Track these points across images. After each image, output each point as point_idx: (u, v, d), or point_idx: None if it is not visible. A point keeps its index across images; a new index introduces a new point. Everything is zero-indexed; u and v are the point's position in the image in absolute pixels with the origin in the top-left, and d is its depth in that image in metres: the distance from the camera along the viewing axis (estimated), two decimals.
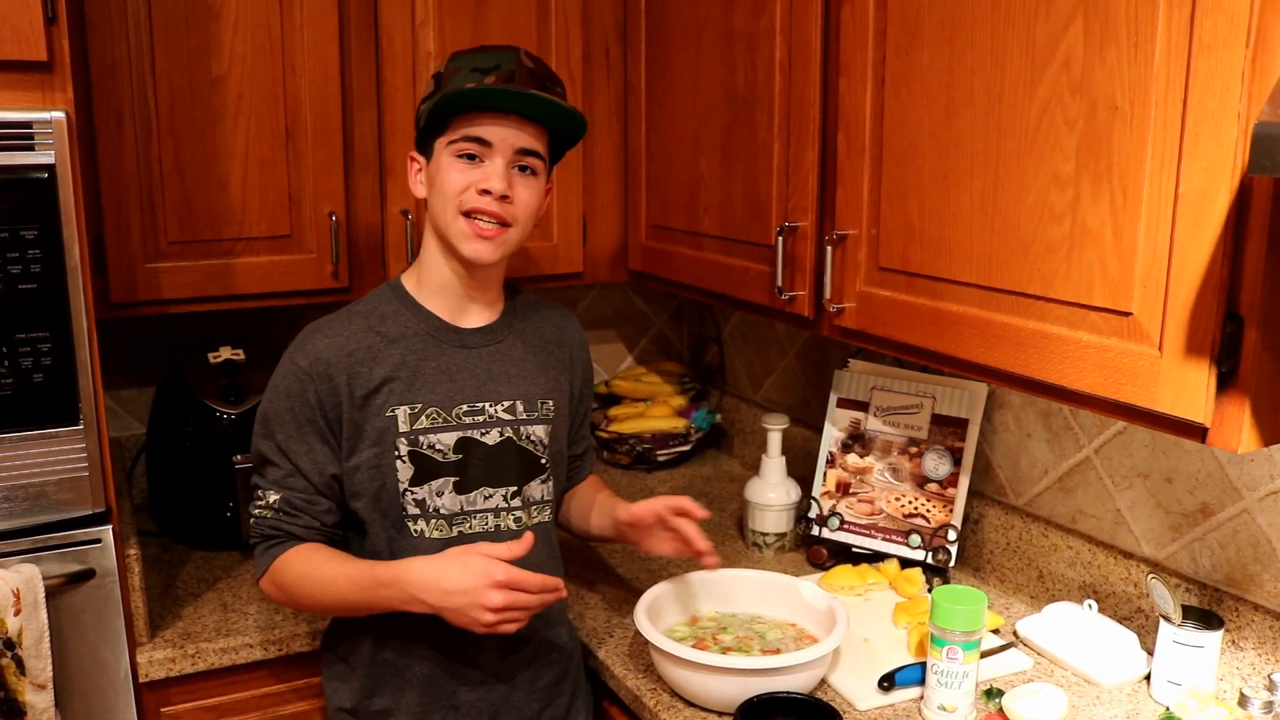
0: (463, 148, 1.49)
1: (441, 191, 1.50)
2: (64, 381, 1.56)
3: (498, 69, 1.48)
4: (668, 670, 1.54)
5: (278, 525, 1.52)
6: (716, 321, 2.71)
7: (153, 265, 1.88)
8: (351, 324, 1.55)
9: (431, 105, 1.49)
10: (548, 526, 1.64)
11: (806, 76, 1.66)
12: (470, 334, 1.59)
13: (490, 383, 1.58)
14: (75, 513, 1.60)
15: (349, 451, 1.51)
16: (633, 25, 2.14)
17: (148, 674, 1.69)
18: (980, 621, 1.46)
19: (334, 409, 1.50)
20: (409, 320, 1.56)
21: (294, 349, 1.53)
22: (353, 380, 1.50)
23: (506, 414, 1.58)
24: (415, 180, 1.58)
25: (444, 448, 1.53)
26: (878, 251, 1.57)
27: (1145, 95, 1.17)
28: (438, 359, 1.55)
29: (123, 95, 1.81)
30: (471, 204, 1.49)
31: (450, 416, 1.54)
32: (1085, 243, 1.25)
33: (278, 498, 1.51)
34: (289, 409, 1.50)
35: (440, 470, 1.53)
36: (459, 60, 1.53)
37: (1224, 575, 1.56)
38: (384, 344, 1.53)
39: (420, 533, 1.53)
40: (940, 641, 1.46)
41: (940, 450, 1.90)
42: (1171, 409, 1.18)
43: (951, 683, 1.46)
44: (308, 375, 1.49)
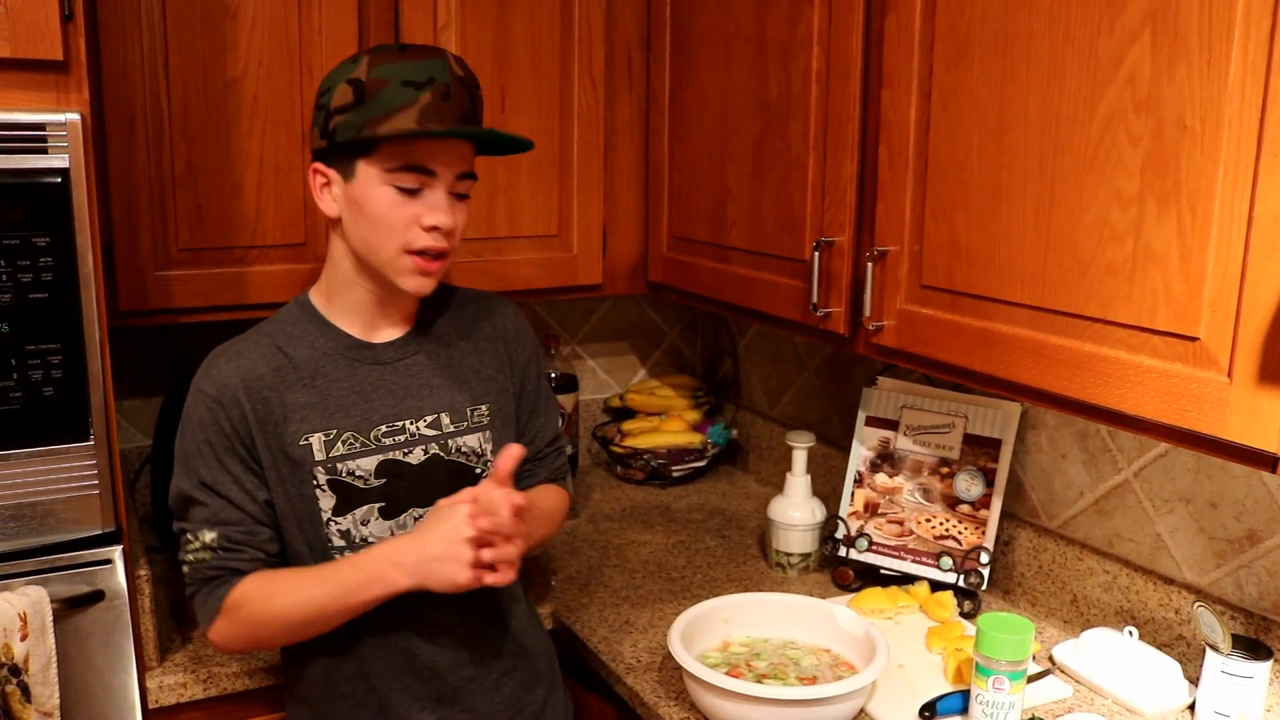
0: (403, 180, 1.37)
1: (378, 224, 1.38)
2: (75, 395, 1.50)
3: (432, 82, 1.35)
4: (703, 699, 1.49)
5: (220, 565, 1.41)
6: (732, 335, 2.66)
7: (163, 273, 1.82)
8: (258, 345, 1.46)
9: (361, 131, 1.35)
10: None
11: (846, 87, 1.61)
12: (383, 349, 1.49)
13: (409, 398, 1.49)
14: (84, 532, 1.54)
15: (274, 481, 1.43)
16: (656, 33, 2.10)
17: (158, 700, 1.63)
18: (1027, 651, 1.42)
19: (247, 435, 1.41)
20: (317, 340, 1.47)
21: (200, 376, 1.44)
22: (261, 409, 1.41)
23: (430, 429, 1.49)
24: (322, 196, 1.43)
25: (364, 473, 1.44)
26: (920, 269, 1.53)
27: (1218, 113, 1.13)
28: (350, 379, 1.46)
29: (135, 97, 1.75)
30: (421, 243, 1.39)
31: (369, 440, 1.45)
32: (1149, 264, 1.21)
33: (213, 535, 1.40)
34: (205, 441, 1.41)
35: (363, 498, 1.44)
36: (383, 69, 1.35)
37: (1271, 603, 1.53)
38: (291, 367, 1.44)
39: None
40: (986, 671, 1.42)
41: (972, 471, 1.86)
42: (1241, 438, 1.14)
43: (997, 714, 1.42)
44: (217, 403, 1.41)
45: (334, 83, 1.39)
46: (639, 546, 2.16)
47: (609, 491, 2.47)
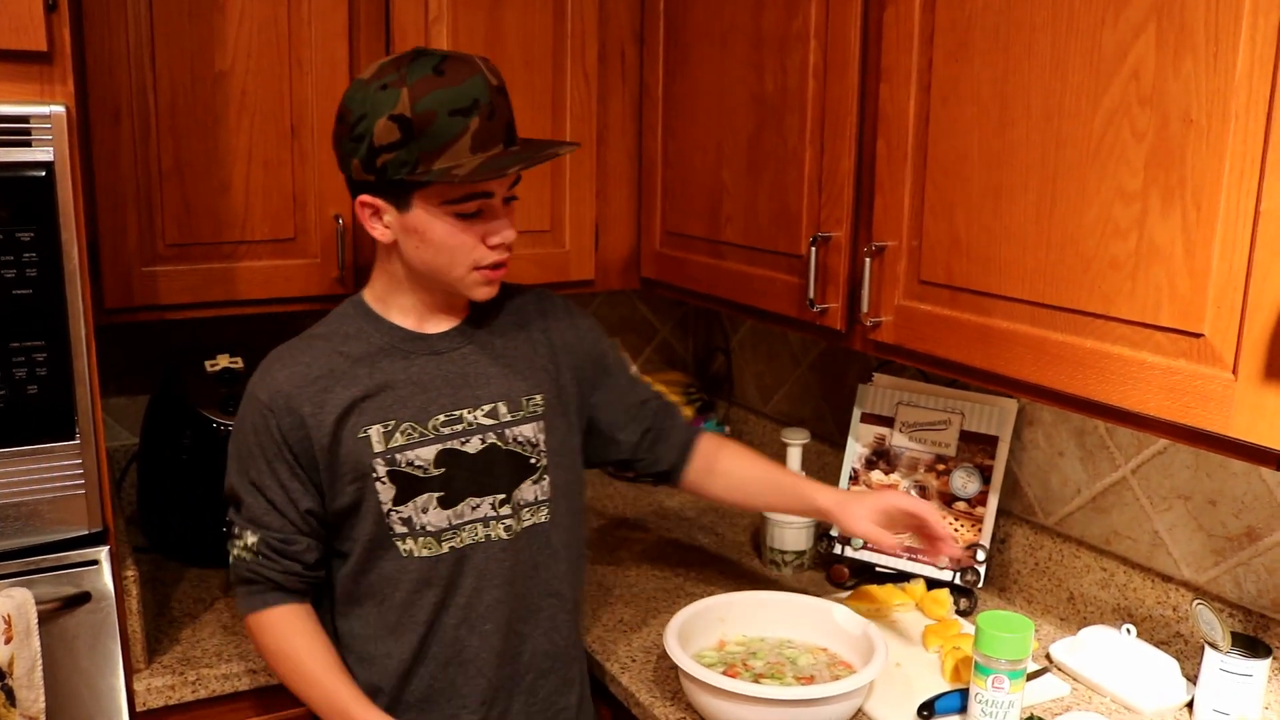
0: (466, 207, 1.38)
1: (444, 251, 1.40)
2: (60, 394, 1.48)
3: (476, 105, 1.34)
4: (700, 699, 1.47)
5: (257, 571, 1.45)
6: (725, 331, 2.65)
7: (149, 269, 1.79)
8: (313, 348, 1.47)
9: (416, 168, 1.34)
10: (544, 528, 1.53)
11: (843, 82, 1.60)
12: (438, 339, 1.50)
13: (466, 388, 1.49)
14: (70, 533, 1.51)
15: (329, 480, 1.44)
16: (650, 27, 2.08)
17: (146, 702, 1.61)
18: (1028, 650, 1.41)
19: (301, 441, 1.42)
20: (372, 336, 1.48)
21: (255, 382, 1.46)
22: (320, 408, 1.42)
23: (488, 418, 1.49)
24: (375, 225, 1.42)
25: (424, 463, 1.45)
26: (919, 264, 1.52)
27: (1224, 108, 1.12)
28: (406, 371, 1.47)
29: (121, 90, 1.72)
30: (490, 259, 1.42)
31: (427, 429, 1.45)
32: (1153, 260, 1.20)
33: (255, 539, 1.44)
34: (256, 444, 1.43)
35: (423, 486, 1.45)
36: (427, 101, 1.32)
37: (1270, 601, 1.52)
38: (349, 364, 1.45)
39: (409, 552, 1.45)
40: (985, 670, 1.41)
41: (969, 468, 1.85)
42: (1246, 435, 1.13)
43: (997, 713, 1.41)
44: (270, 409, 1.42)
45: (369, 113, 1.34)
46: (632, 544, 2.14)
47: (601, 489, 2.46)
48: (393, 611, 1.47)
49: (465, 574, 1.47)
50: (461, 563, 1.47)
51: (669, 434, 1.69)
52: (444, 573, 1.46)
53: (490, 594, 1.48)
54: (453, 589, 1.47)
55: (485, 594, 1.48)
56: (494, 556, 1.48)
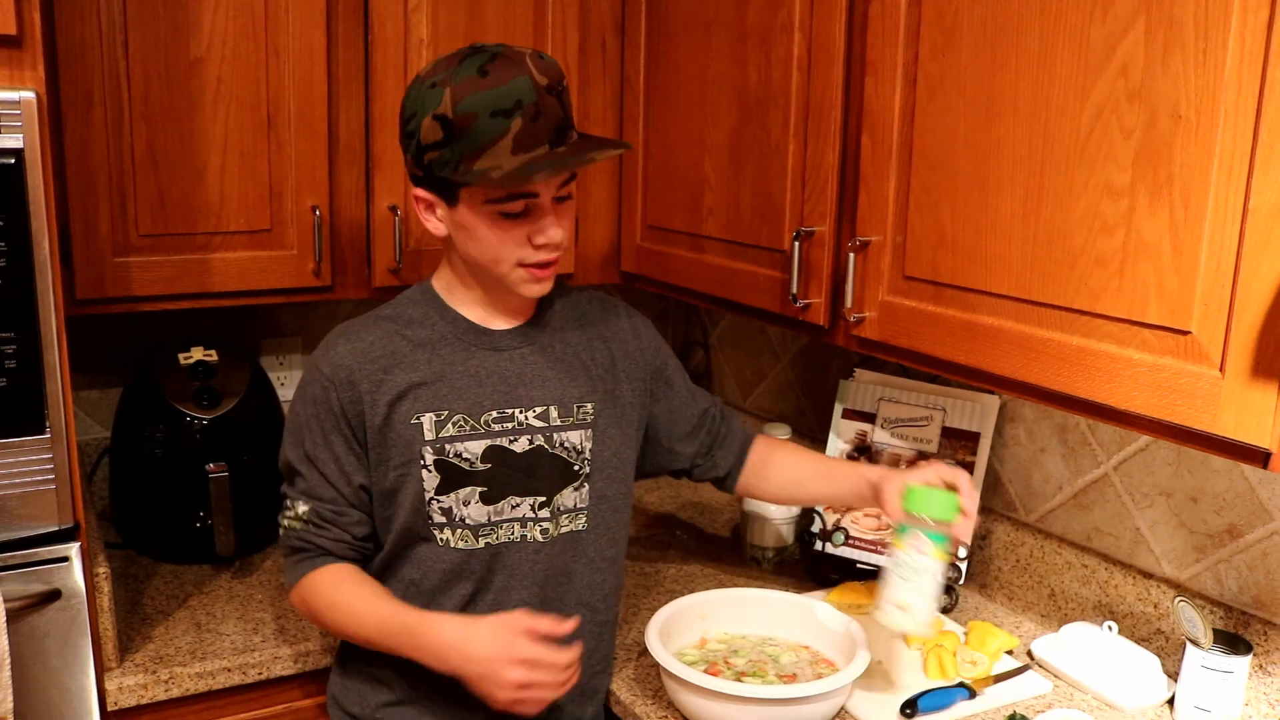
0: (509, 207, 1.37)
1: (489, 247, 1.40)
2: (30, 386, 1.45)
3: (520, 106, 1.32)
4: (682, 698, 1.46)
5: (306, 538, 1.46)
6: (704, 325, 2.63)
7: (122, 259, 1.75)
8: (378, 328, 1.48)
9: (457, 167, 1.34)
10: (581, 535, 1.52)
11: (828, 75, 1.59)
12: (501, 335, 1.50)
13: (521, 387, 1.49)
14: (40, 529, 1.49)
15: (376, 461, 1.45)
16: (631, 18, 2.06)
17: (117, 702, 1.58)
18: (952, 514, 1.38)
19: (357, 416, 1.43)
20: (437, 324, 1.49)
21: (319, 354, 1.47)
22: (377, 387, 1.43)
23: (538, 420, 1.49)
24: (429, 219, 1.44)
25: (471, 456, 1.45)
26: (904, 259, 1.51)
27: (1213, 104, 1.11)
28: (465, 363, 1.47)
29: (93, 76, 1.68)
30: (535, 259, 1.41)
31: (478, 424, 1.45)
32: (1140, 257, 1.20)
33: (306, 509, 1.46)
34: (314, 416, 1.45)
35: (467, 479, 1.45)
36: (469, 102, 1.32)
37: (1251, 598, 1.52)
38: (410, 348, 1.46)
39: (446, 542, 1.45)
40: (904, 529, 1.38)
41: (951, 464, 1.84)
42: (1233, 433, 1.13)
43: (912, 577, 1.37)
44: (331, 382, 1.44)
45: (419, 111, 1.36)
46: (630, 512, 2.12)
47: None
48: (420, 599, 1.46)
49: (497, 572, 1.47)
50: (495, 560, 1.47)
51: (726, 440, 1.70)
52: (476, 567, 1.46)
53: (519, 594, 1.48)
54: (483, 585, 1.47)
55: (514, 594, 1.48)
56: (528, 558, 1.48)
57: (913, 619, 1.39)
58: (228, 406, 1.92)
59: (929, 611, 1.39)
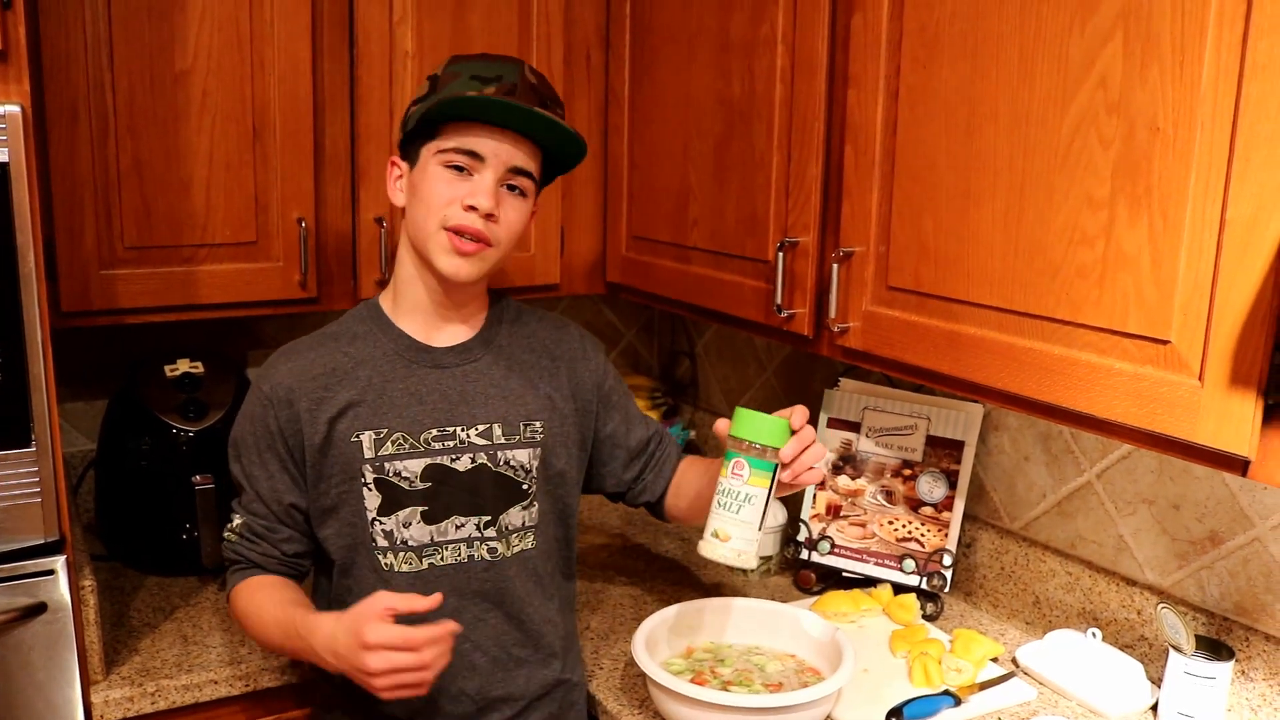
0: (452, 159, 1.41)
1: (424, 201, 1.42)
2: (15, 399, 1.44)
3: (500, 80, 1.40)
4: (668, 707, 1.46)
5: (238, 551, 1.50)
6: (690, 335, 2.64)
7: (108, 272, 1.75)
8: (321, 346, 1.50)
9: (424, 109, 1.40)
10: (530, 554, 1.52)
11: (811, 87, 1.60)
12: (443, 353, 1.50)
13: (463, 405, 1.48)
14: (25, 542, 1.48)
15: (315, 480, 1.45)
16: (616, 30, 2.07)
17: (104, 715, 1.57)
18: (778, 439, 1.31)
19: (294, 436, 1.44)
20: (379, 340, 1.49)
21: (260, 373, 1.49)
22: (316, 405, 1.44)
23: (481, 438, 1.48)
24: (394, 186, 1.50)
25: (411, 475, 1.44)
26: (887, 270, 1.52)
27: (1190, 117, 1.12)
28: (405, 380, 1.47)
29: (78, 89, 1.69)
30: (456, 220, 1.40)
31: (418, 442, 1.45)
32: (1120, 267, 1.21)
33: (240, 522, 1.49)
34: (252, 433, 1.47)
35: (407, 499, 1.44)
36: (458, 65, 1.44)
37: (1233, 604, 1.54)
38: (351, 365, 1.47)
39: (390, 566, 1.45)
40: (729, 454, 1.32)
41: (935, 473, 1.85)
42: (1212, 441, 1.14)
43: (731, 504, 1.31)
44: (269, 401, 1.45)
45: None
46: (597, 550, 2.13)
47: None
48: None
49: (447, 593, 1.42)
50: (440, 581, 1.45)
51: (661, 467, 1.68)
52: (421, 589, 1.43)
53: (470, 612, 1.47)
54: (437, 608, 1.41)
55: (465, 613, 1.46)
56: (476, 577, 1.48)
57: (730, 548, 1.31)
58: (214, 418, 1.92)
59: (749, 542, 1.31)
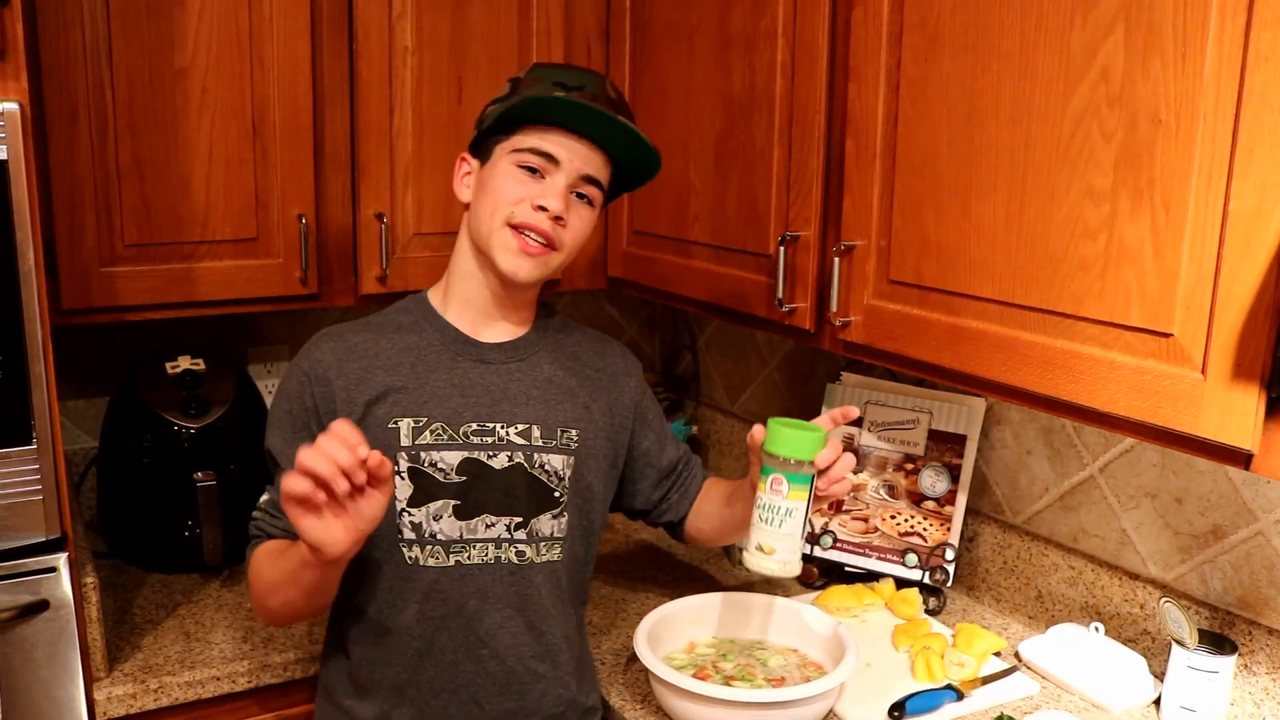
0: (527, 159, 1.40)
1: (493, 197, 1.41)
2: (16, 398, 1.44)
3: (582, 89, 1.40)
4: (671, 702, 1.47)
5: (261, 525, 1.45)
6: (691, 330, 2.64)
7: (108, 269, 1.75)
8: (365, 331, 1.49)
9: (505, 107, 1.40)
10: (556, 566, 1.49)
11: (811, 81, 1.59)
12: (490, 348, 1.49)
13: (505, 402, 1.46)
14: (27, 540, 1.48)
15: None
16: (616, 25, 2.06)
17: (106, 712, 1.58)
18: (811, 452, 1.33)
19: (329, 414, 1.40)
20: (425, 330, 1.48)
21: (302, 351, 1.48)
22: (354, 386, 1.43)
23: (520, 438, 1.46)
24: (460, 182, 1.48)
25: (446, 467, 1.43)
26: (888, 264, 1.52)
27: (1192, 109, 1.12)
28: (449, 371, 1.46)
29: (77, 87, 1.68)
30: (523, 218, 1.39)
31: (456, 434, 1.44)
32: (1122, 260, 1.20)
33: (267, 499, 1.46)
34: (287, 411, 1.45)
35: (440, 491, 1.42)
36: (541, 71, 1.45)
37: (1236, 598, 1.53)
38: (394, 352, 1.46)
39: (415, 560, 1.42)
40: (766, 470, 1.34)
41: (937, 467, 1.85)
42: (1215, 434, 1.13)
43: (773, 519, 1.33)
44: (307, 378, 1.44)
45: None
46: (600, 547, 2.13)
47: None
48: (392, 621, 1.44)
49: (468, 594, 1.43)
50: (465, 580, 1.43)
51: (687, 489, 1.67)
52: (445, 587, 1.42)
53: (492, 618, 1.44)
54: (454, 607, 1.43)
55: (486, 618, 1.44)
56: (501, 580, 1.45)
57: (776, 560, 1.34)
58: (215, 415, 1.92)
59: (792, 553, 1.33)
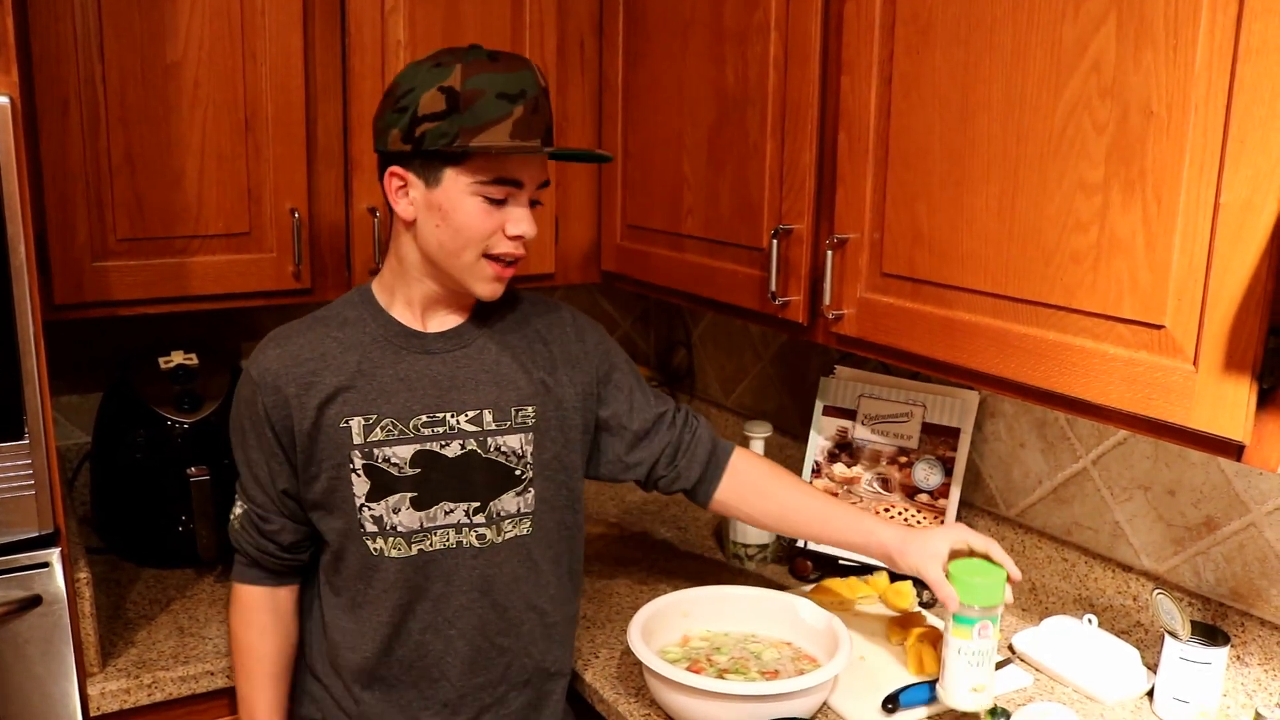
0: (494, 192, 1.38)
1: (463, 232, 1.39)
2: (8, 393, 1.44)
3: (524, 95, 1.36)
4: (664, 695, 1.47)
5: (239, 542, 1.51)
6: (686, 324, 2.64)
7: (100, 264, 1.75)
8: (310, 331, 1.47)
9: (453, 141, 1.34)
10: (525, 540, 1.51)
11: (804, 74, 1.59)
12: (433, 339, 1.49)
13: (453, 391, 1.47)
14: (19, 535, 1.48)
15: (304, 464, 1.44)
16: (609, 18, 2.06)
17: (100, 707, 1.57)
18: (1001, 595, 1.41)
19: (283, 421, 1.43)
20: (368, 325, 1.47)
21: (251, 358, 1.48)
22: (305, 391, 1.42)
23: (471, 425, 1.47)
24: (397, 198, 1.41)
25: (400, 461, 1.44)
26: (881, 257, 1.52)
27: (1184, 100, 1.12)
28: (395, 366, 1.46)
29: (68, 81, 1.68)
30: (502, 249, 1.41)
31: (407, 428, 1.44)
32: (1114, 253, 1.21)
33: (242, 511, 1.51)
34: (245, 418, 1.47)
35: (396, 485, 1.44)
36: (478, 80, 1.35)
37: (1229, 590, 1.54)
38: (340, 350, 1.45)
39: (380, 551, 1.45)
40: (966, 620, 1.39)
41: (931, 460, 1.85)
42: (1207, 426, 1.13)
43: (983, 661, 1.40)
44: (257, 386, 1.44)
45: (418, 86, 1.36)
46: (593, 540, 2.13)
47: None
48: (362, 608, 1.47)
49: (433, 579, 1.46)
50: (429, 567, 1.46)
51: (691, 448, 1.64)
52: (410, 575, 1.45)
53: (457, 600, 1.47)
54: (420, 593, 1.46)
55: (452, 600, 1.47)
56: (464, 564, 1.47)
57: (987, 695, 1.42)
58: (208, 410, 1.91)
59: (994, 679, 1.42)
